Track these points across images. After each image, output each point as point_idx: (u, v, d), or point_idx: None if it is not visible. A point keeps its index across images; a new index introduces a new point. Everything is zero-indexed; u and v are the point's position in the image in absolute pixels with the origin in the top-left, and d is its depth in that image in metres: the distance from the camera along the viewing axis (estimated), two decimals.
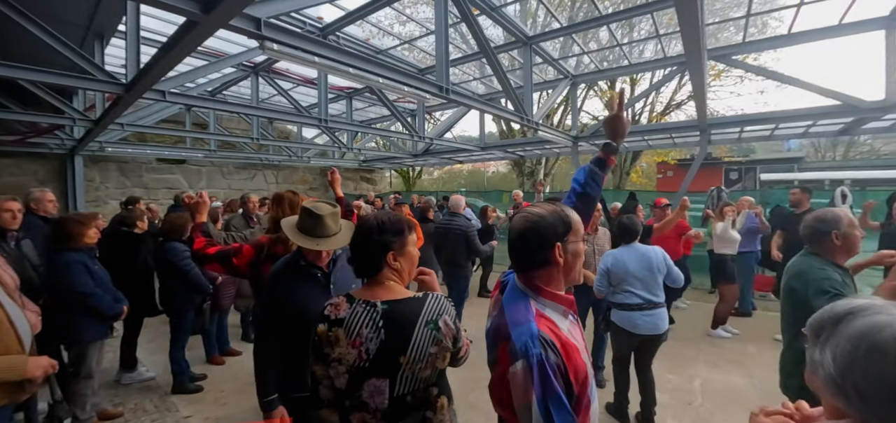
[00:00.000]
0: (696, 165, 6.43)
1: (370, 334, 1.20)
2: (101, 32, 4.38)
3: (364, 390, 1.21)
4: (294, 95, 6.98)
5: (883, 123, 6.02)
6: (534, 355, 0.97)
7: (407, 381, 1.21)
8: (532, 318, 1.05)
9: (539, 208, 1.15)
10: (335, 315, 1.25)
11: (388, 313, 1.22)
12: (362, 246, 1.30)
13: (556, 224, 1.11)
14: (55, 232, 2.90)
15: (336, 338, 1.22)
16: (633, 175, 16.24)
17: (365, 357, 1.20)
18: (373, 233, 1.28)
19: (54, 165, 8.12)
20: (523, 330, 1.02)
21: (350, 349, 1.21)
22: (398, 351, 1.20)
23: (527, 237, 1.12)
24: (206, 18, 2.18)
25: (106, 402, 3.36)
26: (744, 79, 13.44)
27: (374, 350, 1.19)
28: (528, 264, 1.14)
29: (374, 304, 1.24)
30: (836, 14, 4.52)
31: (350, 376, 1.22)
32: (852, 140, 23.79)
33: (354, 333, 1.21)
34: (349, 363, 1.21)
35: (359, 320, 1.22)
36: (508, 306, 1.13)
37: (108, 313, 2.96)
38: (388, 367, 1.20)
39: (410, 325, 1.22)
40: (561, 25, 5.23)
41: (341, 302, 1.28)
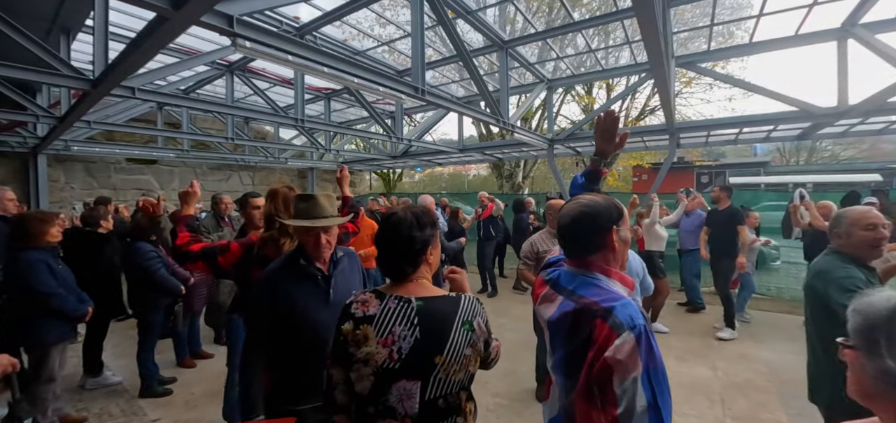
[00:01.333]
0: (665, 167, 6.67)
1: (404, 333, 1.13)
2: (67, 27, 4.25)
3: (392, 393, 1.12)
4: (271, 94, 6.90)
5: (837, 128, 6.39)
6: (640, 326, 0.98)
7: (440, 384, 1.13)
8: (625, 294, 1.09)
9: (592, 196, 1.21)
10: (363, 312, 1.17)
11: (423, 311, 1.15)
12: (403, 242, 1.20)
13: (610, 209, 1.16)
14: (16, 230, 2.81)
15: (365, 336, 1.14)
16: (609, 178, 16.63)
17: (396, 357, 1.12)
18: (414, 228, 1.20)
19: (15, 164, 7.76)
20: (625, 304, 1.03)
21: (380, 348, 1.12)
22: (434, 351, 1.12)
23: (583, 223, 1.16)
24: (176, 14, 2.16)
25: (69, 407, 3.25)
26: (712, 86, 14.00)
27: (408, 350, 1.12)
28: (584, 248, 1.17)
29: (408, 300, 1.17)
30: (793, 25, 4.79)
31: (376, 378, 1.13)
32: (814, 145, 25.02)
33: (386, 330, 1.13)
34: (377, 364, 1.12)
35: (391, 316, 1.15)
36: (584, 289, 1.13)
37: (72, 314, 2.88)
38: (421, 368, 1.12)
39: (448, 324, 1.15)
40: (537, 31, 5.37)
41: (370, 298, 1.19)
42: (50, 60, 3.43)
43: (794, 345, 4.67)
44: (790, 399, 3.46)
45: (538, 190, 18.59)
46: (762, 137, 7.40)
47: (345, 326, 1.17)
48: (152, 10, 2.19)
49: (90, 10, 3.83)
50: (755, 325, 5.37)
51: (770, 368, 4.05)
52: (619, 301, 1.04)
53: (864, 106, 4.82)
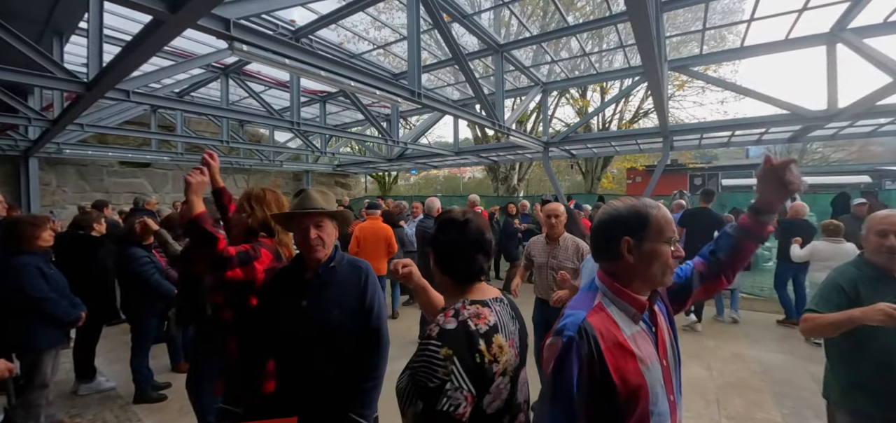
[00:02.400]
0: (659, 169, 6.73)
1: (513, 328, 1.18)
2: (60, 29, 4.22)
3: (519, 388, 1.17)
4: (266, 97, 6.89)
5: (826, 131, 6.48)
6: (565, 336, 0.97)
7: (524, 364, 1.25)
8: (587, 308, 1.04)
9: (618, 201, 1.13)
10: (486, 325, 1.10)
11: (511, 302, 1.26)
12: (487, 243, 1.23)
13: (628, 218, 1.07)
14: (7, 234, 2.78)
15: (499, 346, 1.10)
16: (603, 181, 16.74)
17: (517, 353, 1.17)
18: (485, 232, 1.23)
19: (6, 167, 7.67)
20: (572, 315, 1.02)
21: (511, 350, 1.14)
22: (526, 334, 1.26)
23: (598, 228, 1.12)
24: (172, 17, 2.16)
25: (62, 414, 3.22)
26: (705, 90, 14.16)
27: (519, 342, 1.19)
28: (598, 255, 1.13)
29: (502, 298, 1.23)
30: (783, 30, 4.87)
31: (511, 382, 1.13)
32: (805, 148, 25.33)
33: (509, 332, 1.16)
34: (512, 367, 1.13)
35: (505, 318, 1.18)
36: (578, 294, 1.14)
37: (65, 318, 2.85)
38: (525, 353, 1.23)
39: (518, 309, 1.28)
40: (532, 35, 5.41)
41: (478, 309, 1.14)
42: (43, 63, 3.41)
43: (787, 345, 4.73)
44: (784, 399, 3.51)
45: (533, 192, 18.63)
46: (754, 139, 7.49)
47: (481, 346, 1.06)
48: (149, 13, 2.19)
49: (83, 12, 3.81)
50: (749, 325, 5.43)
51: (764, 367, 4.10)
52: (572, 312, 1.04)
53: (853, 109, 4.90)
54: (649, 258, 1.05)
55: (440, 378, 0.99)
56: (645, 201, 1.10)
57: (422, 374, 1.01)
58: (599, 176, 16.16)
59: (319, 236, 1.56)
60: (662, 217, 1.07)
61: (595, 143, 8.59)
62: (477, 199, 7.48)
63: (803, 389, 3.68)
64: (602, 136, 8.43)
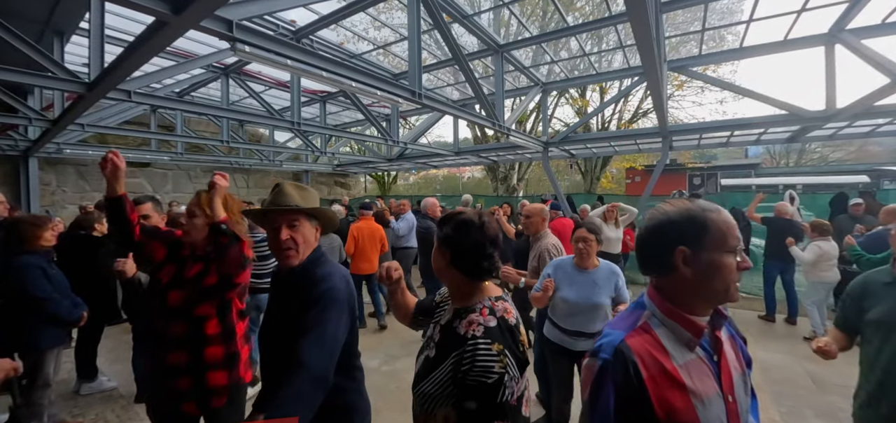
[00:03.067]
0: (658, 169, 6.75)
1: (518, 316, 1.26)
2: (61, 29, 4.22)
3: (526, 381, 1.19)
4: (266, 97, 6.89)
5: (825, 131, 6.51)
6: (601, 358, 0.89)
7: None
8: (628, 328, 0.93)
9: (668, 205, 0.97)
10: (514, 318, 1.20)
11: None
12: (496, 247, 1.24)
13: (682, 225, 0.92)
14: (10, 235, 2.79)
15: (522, 344, 1.18)
16: (603, 180, 16.76)
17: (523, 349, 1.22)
18: (498, 232, 1.27)
19: (6, 167, 7.66)
20: (609, 335, 0.93)
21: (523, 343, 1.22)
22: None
23: (645, 237, 0.99)
24: (176, 19, 2.17)
25: (64, 413, 3.23)
26: (704, 90, 14.19)
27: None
28: (647, 267, 1.00)
29: (503, 296, 1.28)
30: (782, 31, 4.89)
31: (521, 374, 1.16)
32: (804, 148, 25.41)
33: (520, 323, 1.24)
34: (524, 362, 1.18)
35: (515, 310, 1.25)
36: (622, 312, 1.03)
37: (67, 318, 2.86)
38: None
39: None
40: (532, 35, 5.42)
41: (499, 304, 1.20)
42: (44, 63, 3.41)
43: (785, 344, 4.76)
44: (782, 398, 3.53)
45: (533, 192, 18.65)
46: (753, 139, 7.51)
47: (520, 336, 1.17)
48: (152, 15, 2.20)
49: (84, 12, 3.82)
50: (747, 325, 5.45)
51: (762, 367, 4.12)
52: (612, 331, 0.95)
53: (851, 109, 4.92)
54: (709, 272, 0.89)
55: (498, 372, 1.04)
56: (700, 204, 0.94)
57: (479, 373, 1.04)
58: (598, 176, 16.19)
59: (292, 238, 1.40)
60: (723, 222, 0.91)
61: (594, 143, 8.60)
62: (469, 198, 7.50)
63: (802, 387, 3.70)
64: (601, 136, 8.45)
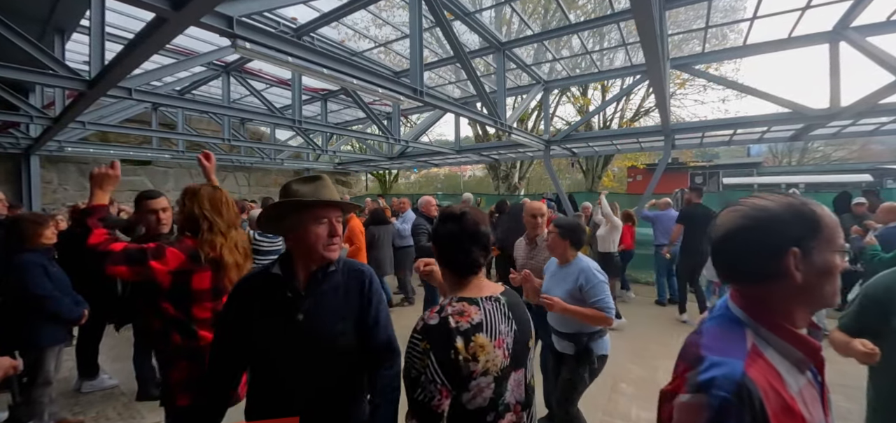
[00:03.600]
0: (660, 168, 6.72)
1: (505, 329, 1.16)
2: (62, 27, 4.21)
3: (508, 389, 1.15)
4: (267, 95, 6.88)
5: (829, 129, 6.47)
6: (717, 396, 0.69)
7: (530, 364, 1.25)
8: (742, 355, 0.74)
9: (763, 199, 0.83)
10: (468, 323, 1.10)
11: (509, 303, 1.22)
12: (482, 237, 1.23)
13: (792, 221, 0.78)
14: (10, 233, 2.78)
15: (480, 345, 1.10)
16: (604, 179, 16.72)
17: (508, 354, 1.15)
18: (481, 225, 1.23)
19: (7, 165, 7.66)
20: (721, 365, 0.73)
21: (496, 351, 1.12)
22: (527, 337, 1.24)
23: (740, 238, 0.81)
24: (176, 15, 2.16)
25: (66, 411, 3.23)
26: (707, 88, 14.14)
27: (512, 343, 1.17)
28: (741, 275, 0.83)
29: (497, 297, 1.21)
30: (786, 28, 4.86)
31: (496, 382, 1.12)
32: (806, 147, 25.33)
33: (495, 332, 1.13)
34: (497, 368, 1.12)
35: (494, 317, 1.15)
36: (711, 328, 0.84)
37: (68, 316, 2.86)
38: (523, 356, 1.21)
39: (525, 309, 1.26)
40: (534, 33, 5.40)
41: (464, 307, 1.14)
42: (45, 60, 3.40)
43: None
44: None
45: (534, 191, 18.63)
46: (756, 138, 7.48)
47: (458, 343, 1.07)
48: (151, 11, 2.19)
49: (85, 9, 3.80)
50: None
51: None
52: (720, 358, 0.75)
53: (855, 108, 4.89)
54: (822, 276, 0.77)
55: (418, 370, 1.06)
56: (803, 198, 0.82)
57: (407, 363, 1.10)
58: (600, 175, 16.16)
59: (339, 234, 1.33)
60: (830, 218, 0.80)
61: (596, 141, 8.58)
62: (470, 197, 7.47)
63: None
64: (604, 134, 8.42)
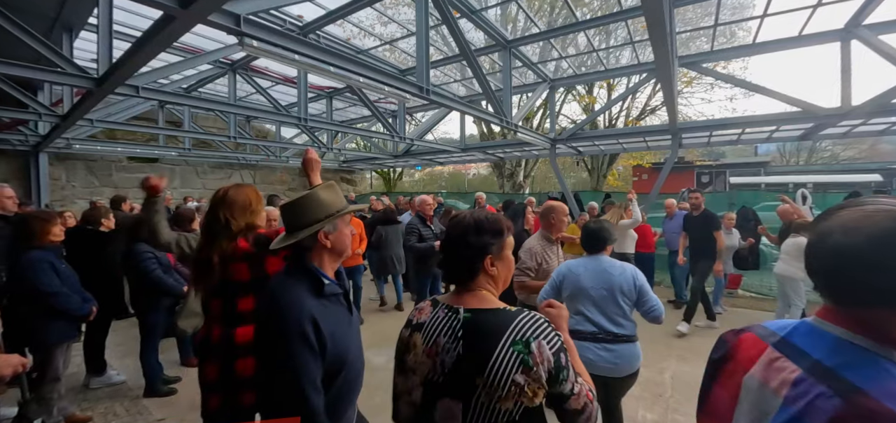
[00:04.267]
0: (667, 168, 6.68)
1: (448, 345, 1.04)
2: (70, 25, 4.24)
3: (437, 410, 1.04)
4: (273, 93, 6.90)
5: (839, 128, 6.39)
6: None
7: (483, 409, 0.98)
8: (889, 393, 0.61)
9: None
10: (418, 319, 1.16)
11: (469, 323, 1.04)
12: (458, 247, 1.13)
13: None
14: (19, 230, 2.80)
15: (414, 344, 1.12)
16: (609, 178, 16.65)
17: (440, 370, 1.04)
18: (469, 233, 1.12)
19: (16, 162, 7.74)
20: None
21: (425, 358, 1.07)
22: (475, 369, 0.98)
23: (876, 252, 0.66)
24: (183, 13, 2.16)
25: (74, 407, 3.25)
26: (714, 86, 14.01)
27: (450, 364, 1.02)
28: (872, 297, 0.67)
29: (456, 310, 1.08)
30: (796, 26, 4.79)
31: (424, 390, 1.08)
32: (815, 146, 25.07)
33: (431, 340, 1.08)
34: (423, 375, 1.08)
35: (438, 326, 1.09)
36: (864, 376, 0.65)
37: (76, 313, 2.87)
38: (462, 387, 1.00)
39: (493, 340, 0.99)
40: (540, 30, 5.36)
41: (426, 305, 1.18)
42: (53, 58, 3.42)
43: None
44: None
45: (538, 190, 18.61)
46: (764, 137, 7.41)
47: (403, 332, 1.17)
48: (159, 9, 2.19)
49: (93, 7, 3.83)
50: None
51: None
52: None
53: (867, 107, 4.83)
54: None
55: None
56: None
57: None
58: (605, 173, 16.08)
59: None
60: None
61: (602, 140, 8.53)
62: (484, 196, 7.44)
63: None
64: (610, 133, 8.38)
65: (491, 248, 1.12)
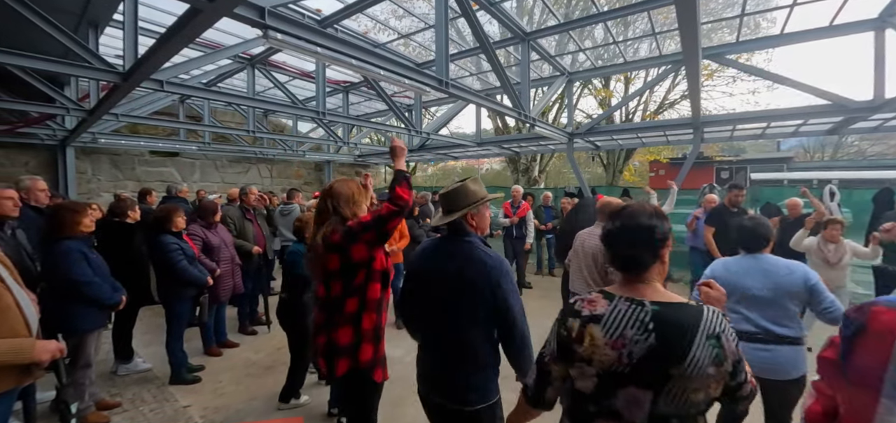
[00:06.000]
0: (689, 162, 6.53)
1: (636, 337, 1.06)
2: (96, 21, 4.31)
3: (618, 397, 1.08)
4: (290, 88, 6.95)
5: (870, 123, 6.16)
6: None
7: (674, 399, 1.03)
8: None
9: None
10: (590, 311, 1.14)
11: (660, 316, 1.06)
12: (645, 231, 1.13)
13: None
14: (52, 221, 2.88)
15: (588, 335, 1.11)
16: (625, 173, 16.38)
17: (626, 361, 1.06)
18: (654, 217, 1.15)
19: (45, 156, 7.98)
20: None
21: (608, 350, 1.08)
22: (672, 361, 1.02)
23: None
24: (210, 6, 2.18)
25: (103, 393, 3.35)
26: (736, 79, 13.64)
27: (640, 355, 1.05)
28: None
29: (641, 302, 1.10)
30: (827, 15, 4.62)
31: (600, 379, 1.10)
32: (840, 141, 24.25)
33: (617, 332, 1.08)
34: (603, 365, 1.09)
35: (622, 318, 1.09)
36: None
37: (107, 301, 2.96)
38: (654, 377, 1.04)
39: (690, 333, 1.03)
40: (559, 22, 5.28)
41: (597, 298, 1.17)
42: (82, 53, 3.50)
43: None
44: None
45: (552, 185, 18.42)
46: (790, 131, 7.18)
47: (571, 322, 1.16)
48: (187, 2, 2.22)
49: (118, 3, 3.90)
50: None
51: None
52: None
53: None
54: None
55: (551, 331, 1.24)
56: None
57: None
58: (621, 169, 15.81)
59: None
60: None
61: (621, 134, 8.39)
62: (521, 190, 7.24)
63: None
64: (629, 127, 8.24)
65: (669, 234, 1.16)
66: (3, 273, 1.69)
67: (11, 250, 2.60)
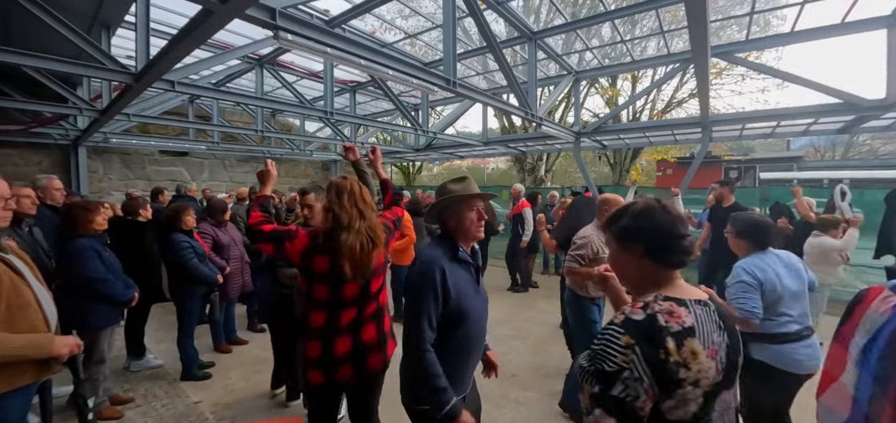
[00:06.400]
0: (697, 161, 6.47)
1: (718, 339, 1.00)
2: (108, 22, 4.38)
3: (715, 409, 1.00)
4: (297, 88, 7.01)
5: (882, 121, 6.07)
6: None
7: (737, 388, 1.08)
8: None
9: None
10: (679, 325, 0.97)
11: (720, 312, 1.06)
12: (678, 234, 1.09)
13: None
14: (65, 220, 2.93)
15: (693, 352, 0.95)
16: (632, 173, 16.28)
17: (720, 368, 0.99)
18: (682, 217, 1.12)
19: (58, 155, 8.11)
20: None
21: (710, 362, 0.97)
22: (738, 353, 1.05)
23: None
24: (222, 7, 2.20)
25: (116, 388, 3.41)
26: (745, 77, 13.49)
27: (724, 357, 1.00)
28: None
29: (707, 302, 1.05)
30: (838, 12, 4.56)
31: (705, 398, 0.97)
32: (851, 140, 23.91)
33: (709, 341, 0.99)
34: (709, 381, 0.97)
35: (706, 323, 1.01)
36: None
37: (121, 298, 3.00)
38: (733, 374, 1.04)
39: (731, 320, 1.09)
40: (566, 21, 5.26)
41: (672, 307, 1.01)
42: (95, 54, 3.55)
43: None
44: None
45: (559, 184, 18.34)
46: (801, 130, 7.10)
47: (668, 345, 0.95)
48: (199, 3, 2.25)
49: (130, 5, 3.95)
50: None
51: None
52: None
53: None
54: None
55: (617, 365, 0.94)
56: None
57: (599, 357, 0.97)
58: (628, 168, 15.71)
59: (484, 218, 1.70)
60: None
61: (628, 133, 8.34)
62: (522, 188, 7.30)
63: None
64: (636, 126, 8.18)
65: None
66: (24, 269, 1.73)
67: (29, 247, 2.64)
